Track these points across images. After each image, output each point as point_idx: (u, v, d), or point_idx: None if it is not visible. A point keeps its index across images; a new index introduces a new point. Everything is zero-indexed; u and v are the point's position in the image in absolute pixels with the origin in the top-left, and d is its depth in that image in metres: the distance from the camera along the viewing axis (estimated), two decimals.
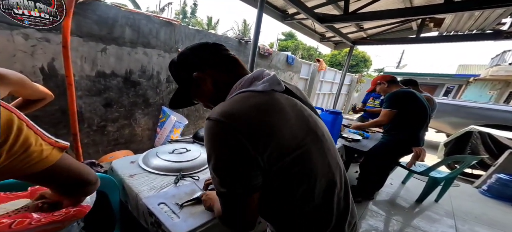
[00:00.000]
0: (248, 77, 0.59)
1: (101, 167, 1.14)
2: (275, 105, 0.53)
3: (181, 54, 0.64)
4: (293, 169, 0.51)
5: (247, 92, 0.55)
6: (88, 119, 2.08)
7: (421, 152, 1.93)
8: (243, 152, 0.47)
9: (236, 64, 0.63)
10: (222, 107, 0.51)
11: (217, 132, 0.49)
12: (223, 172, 0.50)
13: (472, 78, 12.15)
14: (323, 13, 2.97)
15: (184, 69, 0.64)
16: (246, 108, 0.50)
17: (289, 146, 0.50)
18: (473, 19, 2.74)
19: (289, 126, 0.52)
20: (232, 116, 0.48)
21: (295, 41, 19.13)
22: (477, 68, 14.25)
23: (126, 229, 1.02)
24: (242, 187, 0.50)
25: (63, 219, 0.59)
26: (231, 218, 0.55)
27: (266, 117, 0.50)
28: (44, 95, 0.99)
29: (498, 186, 2.68)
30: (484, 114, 4.53)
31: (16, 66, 1.59)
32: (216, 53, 0.62)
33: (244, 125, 0.47)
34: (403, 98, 1.88)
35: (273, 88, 0.56)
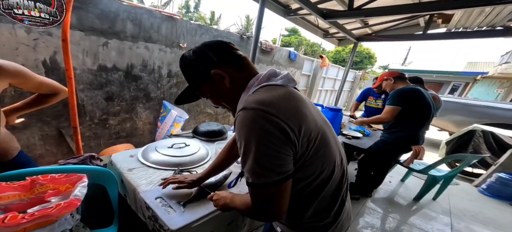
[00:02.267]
0: (265, 74, 0.62)
1: (101, 160, 1.17)
2: (297, 95, 0.60)
3: (198, 51, 0.63)
4: (318, 153, 0.57)
5: (270, 85, 0.59)
6: (90, 112, 2.11)
7: (420, 150, 1.93)
8: (285, 136, 0.50)
9: (248, 63, 0.65)
10: (255, 97, 0.54)
11: (257, 120, 0.50)
12: (264, 159, 0.50)
13: (479, 76, 11.90)
14: (326, 9, 2.93)
15: (201, 66, 0.63)
16: (277, 97, 0.54)
17: (313, 130, 0.56)
18: (483, 15, 2.66)
19: (310, 113, 0.58)
20: (270, 104, 0.51)
21: (298, 37, 18.92)
22: (486, 65, 13.95)
23: (124, 223, 1.04)
24: (282, 173, 0.51)
25: (55, 212, 0.60)
26: (266, 209, 0.55)
27: (296, 104, 0.56)
28: (56, 89, 1.01)
29: (498, 185, 2.67)
30: (488, 112, 4.48)
31: (19, 59, 1.61)
32: (231, 51, 0.63)
33: (281, 111, 0.51)
34: (408, 95, 1.83)
35: (290, 84, 0.62)
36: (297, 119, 0.52)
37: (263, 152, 0.50)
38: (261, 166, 0.50)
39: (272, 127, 0.49)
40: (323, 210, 0.64)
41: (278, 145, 0.50)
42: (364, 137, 2.31)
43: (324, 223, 0.65)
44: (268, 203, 0.54)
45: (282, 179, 0.51)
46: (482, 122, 4.08)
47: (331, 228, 0.66)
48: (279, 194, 0.53)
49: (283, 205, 0.54)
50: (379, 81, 2.16)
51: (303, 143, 0.53)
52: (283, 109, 0.52)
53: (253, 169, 0.51)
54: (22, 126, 1.75)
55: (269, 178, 0.51)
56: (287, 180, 0.52)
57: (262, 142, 0.49)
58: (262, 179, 0.51)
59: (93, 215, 0.98)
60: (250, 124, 0.50)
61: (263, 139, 0.49)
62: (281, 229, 0.72)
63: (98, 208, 1.00)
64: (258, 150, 0.50)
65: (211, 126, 1.63)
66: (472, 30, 3.08)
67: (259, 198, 0.55)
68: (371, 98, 2.96)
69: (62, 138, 2.00)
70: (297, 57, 4.82)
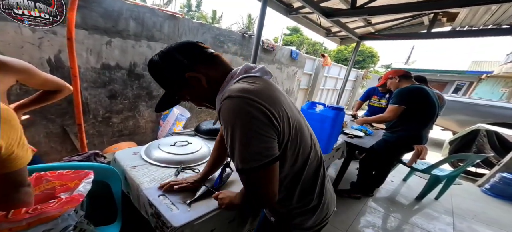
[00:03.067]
0: (241, 69, 0.64)
1: (105, 158, 1.18)
2: (274, 86, 0.64)
3: (165, 56, 0.61)
4: (297, 138, 0.61)
5: (249, 77, 0.61)
6: (93, 110, 2.13)
7: (422, 150, 1.91)
8: (269, 121, 0.53)
9: (221, 60, 0.65)
10: (238, 86, 0.55)
11: (242, 106, 0.52)
12: (251, 143, 0.52)
13: (484, 75, 11.75)
14: (329, 7, 2.91)
15: (172, 70, 0.61)
16: (258, 86, 0.57)
17: (291, 117, 0.60)
18: (489, 13, 2.62)
19: (287, 102, 0.62)
20: (253, 91, 0.54)
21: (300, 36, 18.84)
22: (491, 64, 13.77)
23: (127, 220, 1.05)
24: (269, 155, 0.53)
25: (57, 207, 0.61)
26: (258, 192, 0.57)
27: (274, 93, 0.59)
28: (60, 86, 1.03)
29: (501, 185, 2.65)
30: (492, 112, 4.42)
31: (24, 58, 1.63)
32: (202, 50, 0.62)
33: (264, 98, 0.54)
34: (413, 94, 1.81)
35: (266, 76, 0.66)
36: (278, 106, 0.56)
37: (250, 136, 0.52)
38: (249, 150, 0.52)
39: (257, 112, 0.52)
40: (307, 192, 0.69)
41: (264, 129, 0.52)
42: (366, 136, 2.30)
43: (311, 206, 0.69)
44: (259, 186, 0.56)
45: (270, 162, 0.53)
46: (487, 121, 4.03)
47: (317, 210, 0.70)
48: (269, 176, 0.55)
49: (274, 187, 0.57)
50: (383, 80, 2.14)
51: (285, 128, 0.57)
52: (265, 96, 0.55)
53: (242, 155, 0.53)
54: (27, 124, 1.77)
55: (258, 161, 0.52)
56: (274, 163, 0.55)
57: (249, 126, 0.51)
58: (252, 163, 0.53)
59: (97, 212, 0.99)
60: (236, 111, 0.52)
61: (250, 124, 0.51)
62: (274, 219, 0.75)
63: (102, 205, 1.01)
64: (246, 135, 0.52)
65: (213, 124, 1.64)
66: (477, 29, 3.04)
67: (251, 183, 0.57)
68: (375, 97, 2.95)
69: (66, 135, 2.03)
70: (299, 56, 4.80)
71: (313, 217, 0.70)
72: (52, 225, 0.64)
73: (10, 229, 0.57)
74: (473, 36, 3.09)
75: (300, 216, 0.70)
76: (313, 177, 0.69)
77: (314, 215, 0.70)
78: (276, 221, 0.75)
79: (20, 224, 0.59)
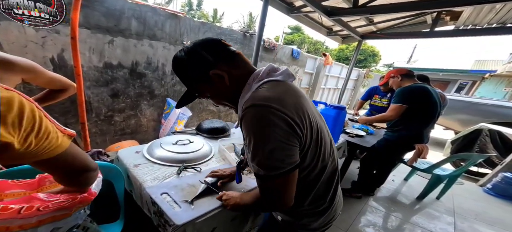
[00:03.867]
0: (264, 70, 0.63)
1: (108, 156, 1.19)
2: (297, 90, 0.63)
3: (191, 52, 0.61)
4: (318, 143, 0.61)
5: (271, 81, 0.60)
6: (96, 109, 2.15)
7: (423, 149, 1.91)
8: (291, 130, 0.53)
9: (243, 58, 0.65)
10: (261, 94, 0.56)
11: (266, 115, 0.52)
12: (274, 152, 0.52)
13: (487, 74, 11.65)
14: (331, 6, 2.89)
15: (197, 67, 0.61)
16: (281, 93, 0.56)
17: (313, 123, 0.60)
18: (493, 12, 2.59)
19: (309, 107, 0.62)
20: (277, 100, 0.53)
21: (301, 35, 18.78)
22: (495, 63, 13.64)
23: (129, 218, 1.06)
24: (291, 163, 0.54)
25: (70, 205, 0.61)
26: (276, 198, 0.58)
27: (298, 99, 0.59)
28: (65, 85, 1.04)
29: (503, 185, 2.64)
30: (495, 111, 4.40)
31: (28, 57, 1.62)
32: (225, 48, 0.62)
33: (287, 107, 0.54)
34: (415, 93, 1.80)
35: (290, 79, 0.65)
36: (302, 113, 0.56)
37: (273, 145, 0.52)
38: (272, 158, 0.53)
39: (281, 121, 0.52)
40: (320, 197, 0.69)
41: (287, 138, 0.53)
42: (368, 135, 2.30)
43: (321, 209, 0.70)
44: (278, 192, 0.57)
45: (291, 169, 0.54)
46: (489, 121, 4.01)
47: (326, 213, 0.71)
48: (289, 183, 0.56)
49: (292, 193, 0.58)
50: (385, 79, 2.13)
51: (307, 135, 0.57)
52: (288, 104, 0.54)
53: (264, 163, 0.54)
54: None
55: (279, 169, 0.53)
56: (295, 170, 0.56)
57: (272, 136, 0.52)
58: (273, 171, 0.54)
59: (100, 210, 1.00)
60: (259, 120, 0.53)
61: (273, 133, 0.52)
62: (282, 218, 0.75)
63: (105, 203, 1.02)
64: (269, 144, 0.52)
65: (214, 123, 1.65)
66: (481, 27, 3.01)
67: (270, 189, 0.57)
68: (377, 96, 2.94)
69: None
70: (300, 55, 4.80)
71: (321, 219, 0.71)
72: (62, 223, 0.64)
73: (21, 226, 0.58)
74: (477, 35, 3.06)
75: (308, 217, 0.71)
76: (328, 182, 0.69)
77: (322, 217, 0.71)
78: (282, 220, 0.76)
79: (31, 221, 0.59)
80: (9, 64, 0.80)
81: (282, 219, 0.76)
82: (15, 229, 0.56)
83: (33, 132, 0.40)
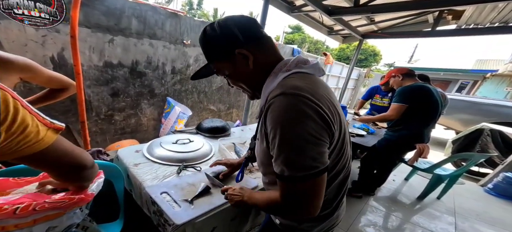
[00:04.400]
0: (293, 61, 0.58)
1: (108, 155, 1.19)
2: (328, 86, 0.60)
3: (224, 26, 0.57)
4: (342, 146, 0.57)
5: (302, 73, 0.56)
6: (96, 108, 2.15)
7: (424, 148, 1.90)
8: (325, 124, 0.48)
9: (273, 44, 0.61)
10: (292, 83, 0.51)
11: (298, 105, 0.46)
12: (305, 147, 0.46)
13: (489, 74, 11.61)
14: (332, 5, 2.88)
15: (224, 42, 0.58)
16: (313, 85, 0.52)
17: (343, 124, 0.57)
18: (496, 11, 2.57)
19: (338, 106, 0.58)
20: (309, 90, 0.48)
21: (302, 34, 18.74)
22: (497, 63, 13.60)
23: (129, 217, 1.06)
24: (322, 163, 0.47)
25: (65, 205, 0.61)
26: (302, 204, 0.50)
27: (330, 95, 0.56)
28: (65, 84, 1.04)
29: (504, 185, 2.63)
30: (497, 111, 4.38)
31: (28, 56, 1.63)
32: (258, 30, 0.59)
33: (320, 99, 0.49)
34: (416, 93, 1.79)
35: (320, 74, 0.61)
36: (333, 108, 0.52)
37: (305, 139, 0.46)
38: (302, 156, 0.46)
39: (314, 113, 0.47)
40: (328, 201, 0.64)
41: (320, 133, 0.47)
42: (368, 135, 2.29)
43: (324, 214, 0.65)
44: (305, 198, 0.49)
45: (322, 170, 0.47)
46: (491, 120, 4.00)
47: (329, 218, 0.67)
48: (318, 187, 0.48)
49: (320, 200, 0.50)
50: (386, 78, 2.13)
51: (336, 133, 0.52)
52: (321, 97, 0.50)
53: (292, 161, 0.47)
54: None
55: (309, 169, 0.46)
56: (325, 172, 0.49)
57: (305, 129, 0.46)
58: (302, 171, 0.47)
59: (99, 209, 1.00)
60: (291, 110, 0.47)
61: (306, 126, 0.46)
62: (280, 221, 0.71)
63: (104, 202, 1.02)
64: (299, 137, 0.46)
65: (214, 123, 1.65)
66: (483, 27, 2.99)
67: (296, 194, 0.49)
68: (377, 96, 2.94)
69: (69, 133, 2.04)
70: (301, 54, 4.79)
71: (323, 224, 0.67)
72: (57, 223, 0.64)
73: (16, 225, 0.58)
74: (479, 34, 3.04)
75: (310, 221, 0.66)
76: (339, 187, 0.65)
77: (324, 222, 0.67)
78: (281, 223, 0.71)
79: (26, 220, 0.59)
80: (6, 62, 0.80)
81: (280, 223, 0.70)
82: (11, 228, 0.56)
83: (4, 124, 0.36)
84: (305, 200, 0.49)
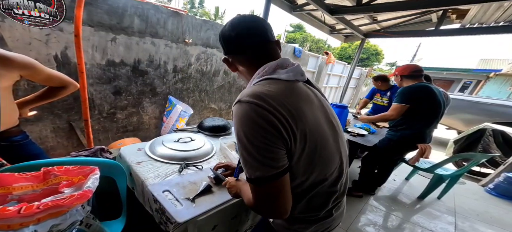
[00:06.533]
0: (272, 65, 0.59)
1: (110, 153, 1.21)
2: (300, 92, 0.58)
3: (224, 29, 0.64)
4: (313, 154, 0.55)
5: (271, 79, 0.58)
6: (98, 106, 2.17)
7: (426, 148, 1.90)
8: (276, 131, 0.50)
9: (265, 52, 0.62)
10: (250, 90, 0.54)
11: (249, 113, 0.50)
12: (257, 152, 0.50)
13: (492, 73, 11.49)
14: (334, 4, 2.87)
15: (222, 46, 0.67)
16: (274, 91, 0.53)
17: (310, 130, 0.54)
18: (501, 10, 2.55)
19: (312, 113, 0.57)
20: (264, 98, 0.51)
21: (303, 33, 18.67)
22: (501, 62, 13.47)
23: (132, 215, 1.07)
24: (276, 167, 0.50)
25: (68, 203, 0.63)
26: (266, 205, 0.54)
27: (294, 100, 0.54)
28: (65, 82, 1.05)
29: (505, 185, 2.63)
30: (499, 111, 4.35)
31: (32, 54, 1.66)
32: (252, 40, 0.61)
33: (274, 106, 0.50)
34: (417, 93, 1.77)
35: (297, 78, 0.60)
36: (291, 116, 0.51)
37: (255, 145, 0.50)
38: (254, 159, 0.50)
39: (263, 121, 0.49)
40: (314, 209, 0.64)
41: (269, 139, 0.49)
42: (369, 134, 2.29)
43: (314, 219, 0.65)
44: (267, 200, 0.53)
45: (277, 174, 0.50)
46: (493, 120, 3.97)
47: (320, 222, 0.66)
48: (277, 190, 0.52)
49: (284, 202, 0.53)
50: (392, 75, 2.12)
51: (296, 141, 0.52)
52: (278, 104, 0.51)
53: (248, 163, 0.52)
54: (34, 119, 1.81)
55: (263, 171, 0.50)
56: (283, 175, 0.51)
57: (254, 135, 0.49)
58: (257, 173, 0.51)
59: (102, 207, 1.02)
60: (243, 118, 0.51)
61: (255, 132, 0.49)
62: (273, 219, 0.72)
63: (107, 200, 1.04)
64: (250, 143, 0.50)
65: (216, 121, 1.66)
66: (488, 26, 2.96)
67: (259, 195, 0.54)
68: (378, 95, 2.96)
69: (72, 131, 2.07)
70: (302, 53, 4.77)
71: (313, 227, 0.66)
72: (60, 220, 0.66)
73: (21, 224, 0.59)
74: (483, 34, 3.02)
75: (300, 223, 0.66)
76: (327, 195, 0.64)
77: (314, 225, 0.66)
78: (274, 222, 0.72)
79: (31, 219, 0.61)
80: (6, 60, 0.82)
81: (273, 221, 0.72)
82: (16, 227, 0.58)
83: None
84: (269, 202, 0.53)
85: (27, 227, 0.60)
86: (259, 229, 0.86)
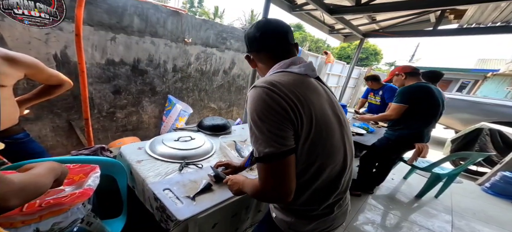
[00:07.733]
0: (286, 62, 0.67)
1: (111, 152, 1.21)
2: (309, 85, 0.64)
3: (247, 33, 0.72)
4: (317, 142, 0.60)
5: (284, 72, 0.65)
6: (98, 105, 2.17)
7: (423, 148, 1.92)
8: (285, 113, 0.56)
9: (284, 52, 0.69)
10: (266, 78, 0.62)
11: (262, 95, 0.57)
12: (266, 129, 0.55)
13: (490, 73, 11.56)
14: (333, 4, 2.88)
15: (246, 44, 0.75)
16: (286, 80, 0.60)
17: (317, 118, 0.59)
18: (498, 11, 2.56)
19: (320, 103, 0.63)
20: (276, 84, 0.58)
21: (302, 33, 18.67)
22: (498, 62, 13.54)
23: (132, 213, 1.08)
24: (285, 145, 0.55)
25: (69, 201, 0.64)
26: (273, 183, 0.57)
27: (303, 90, 0.60)
28: (62, 81, 1.08)
29: (502, 184, 2.65)
30: (497, 110, 4.38)
31: (31, 53, 1.66)
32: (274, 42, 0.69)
33: (284, 92, 0.57)
34: (416, 93, 1.78)
35: (308, 73, 0.66)
36: (299, 102, 0.58)
37: (266, 123, 0.55)
38: (265, 136, 0.55)
39: (274, 103, 0.56)
40: (317, 201, 0.66)
41: (279, 120, 0.55)
42: (368, 134, 2.31)
43: (314, 214, 0.67)
44: (274, 177, 0.57)
45: (285, 152, 0.55)
46: (490, 120, 4.00)
47: (320, 220, 0.68)
48: (284, 168, 0.56)
49: (289, 182, 0.57)
50: (390, 76, 2.13)
51: (303, 124, 0.57)
52: (288, 90, 0.57)
53: (259, 140, 0.57)
54: (34, 118, 1.81)
55: (272, 148, 0.55)
56: (290, 154, 0.56)
57: (266, 114, 0.56)
58: (267, 149, 0.55)
59: (103, 205, 1.02)
60: (256, 99, 0.58)
61: (267, 112, 0.56)
62: (276, 214, 0.74)
63: (108, 198, 1.04)
64: (262, 122, 0.56)
65: (216, 120, 1.67)
66: (485, 26, 2.98)
67: (266, 172, 0.58)
68: (372, 94, 3.02)
69: (72, 130, 2.07)
70: (301, 53, 4.78)
71: (312, 225, 0.67)
72: (62, 218, 0.67)
73: (23, 222, 0.60)
74: (480, 34, 3.04)
75: (299, 218, 0.68)
76: (329, 187, 0.66)
77: (314, 223, 0.67)
78: (276, 217, 0.73)
79: (33, 217, 0.62)
80: (13, 60, 0.85)
81: (276, 216, 0.73)
82: (18, 225, 0.59)
83: None
84: (275, 179, 0.57)
85: (29, 225, 0.61)
86: (262, 226, 0.87)
